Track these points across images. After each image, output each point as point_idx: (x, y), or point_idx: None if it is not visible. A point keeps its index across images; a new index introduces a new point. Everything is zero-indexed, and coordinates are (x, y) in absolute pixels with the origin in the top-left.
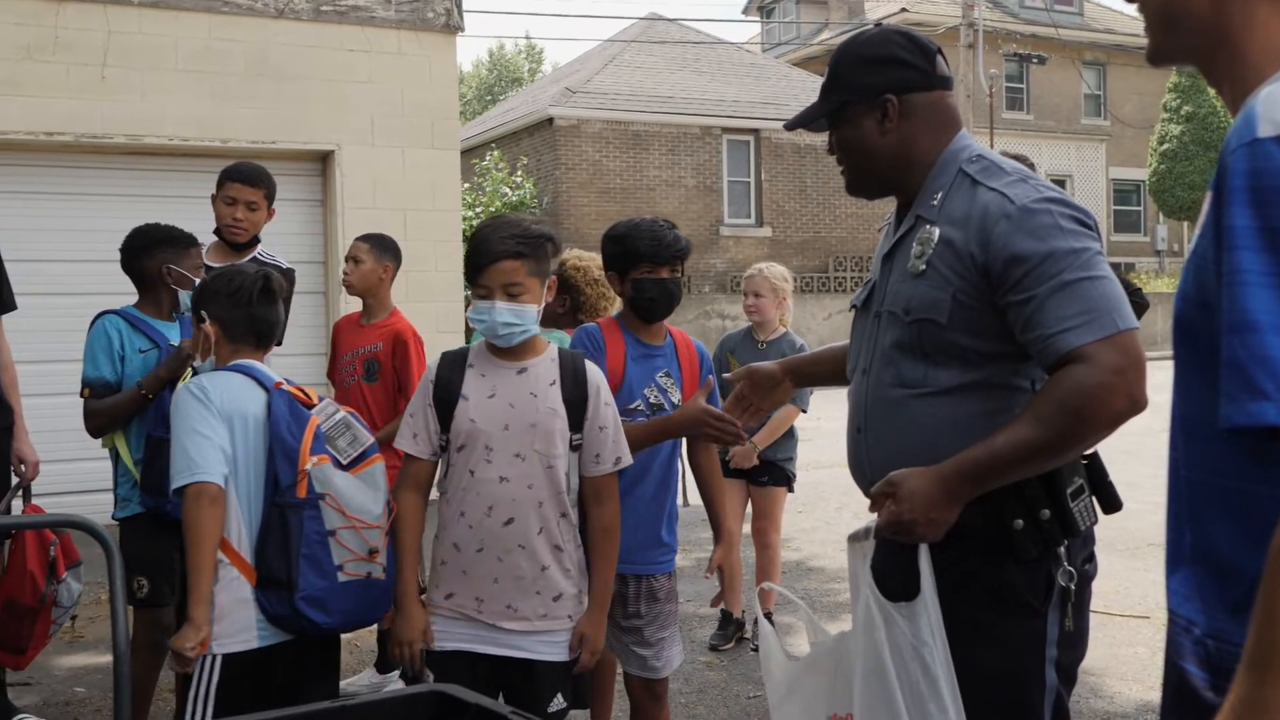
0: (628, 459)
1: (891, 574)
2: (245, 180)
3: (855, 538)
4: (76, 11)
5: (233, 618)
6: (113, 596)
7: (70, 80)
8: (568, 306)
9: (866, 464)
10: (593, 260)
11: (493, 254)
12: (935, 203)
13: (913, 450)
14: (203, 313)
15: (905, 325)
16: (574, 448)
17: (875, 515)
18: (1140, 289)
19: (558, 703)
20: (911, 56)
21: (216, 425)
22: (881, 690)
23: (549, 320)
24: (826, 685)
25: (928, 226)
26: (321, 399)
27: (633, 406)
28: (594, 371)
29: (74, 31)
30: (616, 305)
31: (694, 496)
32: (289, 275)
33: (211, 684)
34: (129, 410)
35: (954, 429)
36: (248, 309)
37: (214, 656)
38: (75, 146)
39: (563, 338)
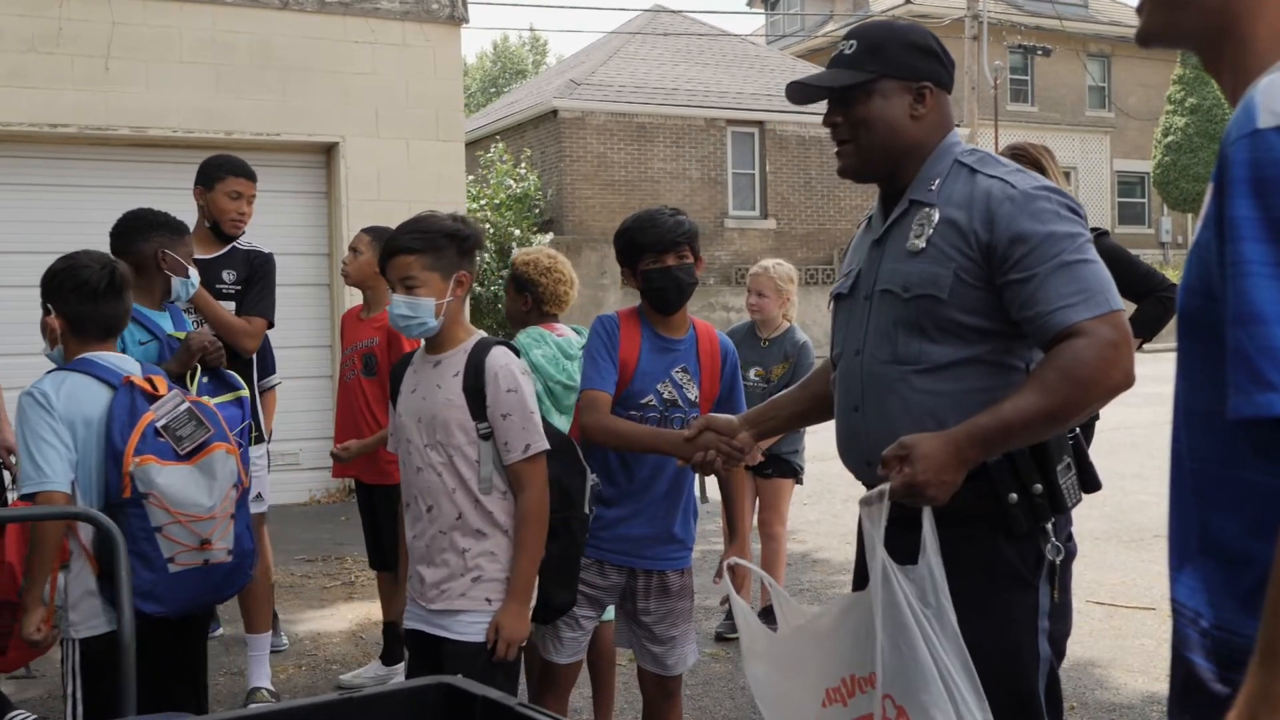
0: (538, 445)
1: (895, 537)
2: (247, 175)
3: (868, 501)
4: (80, 3)
5: (83, 606)
6: (118, 587)
7: (74, 72)
8: (530, 304)
9: (864, 440)
10: (540, 252)
11: (389, 249)
12: (933, 188)
13: (910, 425)
14: (49, 305)
15: (904, 302)
16: (484, 436)
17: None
18: (1175, 285)
19: None
20: (945, 57)
21: (61, 431)
22: (910, 650)
23: (519, 320)
24: (842, 650)
25: (926, 209)
26: (171, 389)
27: (644, 401)
28: (497, 359)
29: (78, 23)
30: (577, 290)
31: (710, 492)
32: (269, 260)
33: (76, 666)
34: None
35: (950, 404)
36: (94, 304)
37: (73, 641)
38: (79, 138)
39: (542, 334)
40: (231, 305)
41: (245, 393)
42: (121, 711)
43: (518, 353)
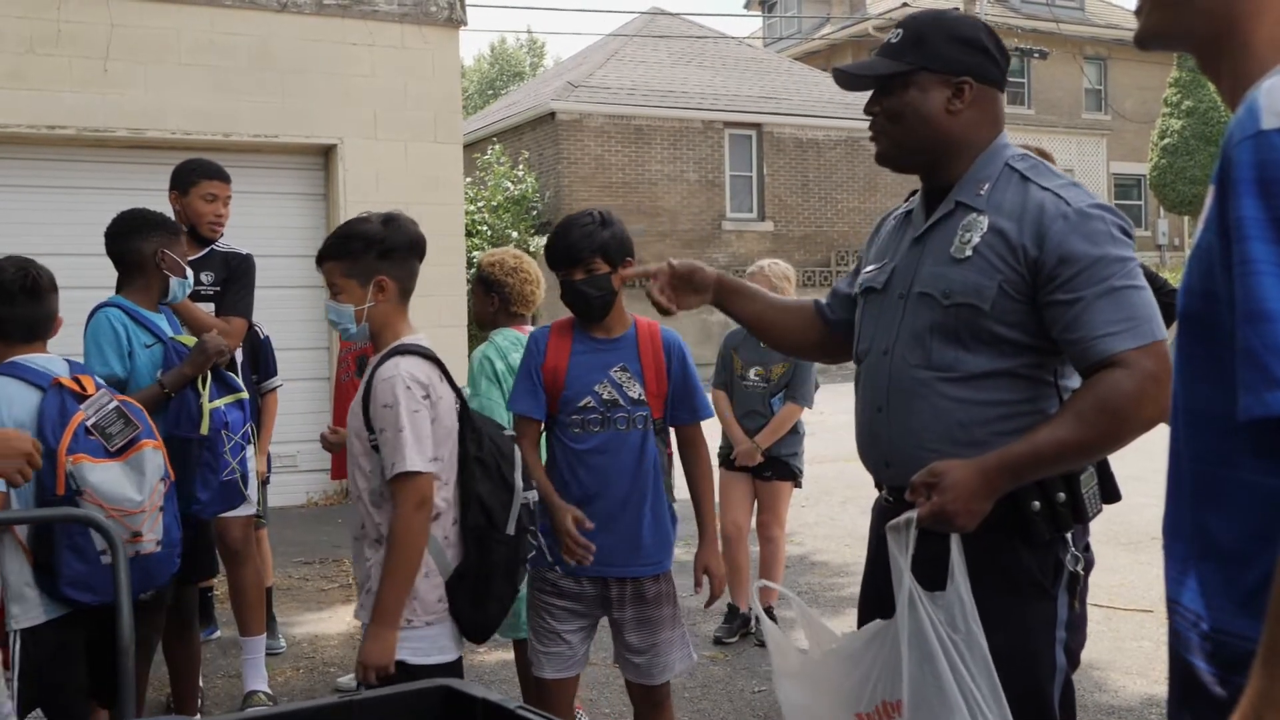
0: (402, 466)
1: (924, 563)
2: (221, 177)
3: (896, 528)
4: (79, 4)
5: (23, 599)
6: (117, 591)
7: (73, 73)
8: (498, 304)
9: (885, 443)
10: (505, 252)
11: (318, 254)
12: (982, 193)
13: (934, 432)
14: None
15: (943, 308)
16: (376, 448)
17: (899, 505)
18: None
19: None
20: (995, 51)
21: None
22: (935, 679)
23: (487, 321)
24: (874, 675)
25: (974, 214)
26: (99, 388)
27: (583, 404)
28: (383, 371)
29: (76, 25)
30: (544, 289)
31: (682, 492)
32: (247, 260)
33: (17, 656)
34: (149, 409)
35: (979, 414)
36: (10, 307)
37: (15, 633)
38: (78, 140)
39: (519, 338)
40: (210, 307)
41: (245, 395)
42: (122, 711)
43: (437, 361)
